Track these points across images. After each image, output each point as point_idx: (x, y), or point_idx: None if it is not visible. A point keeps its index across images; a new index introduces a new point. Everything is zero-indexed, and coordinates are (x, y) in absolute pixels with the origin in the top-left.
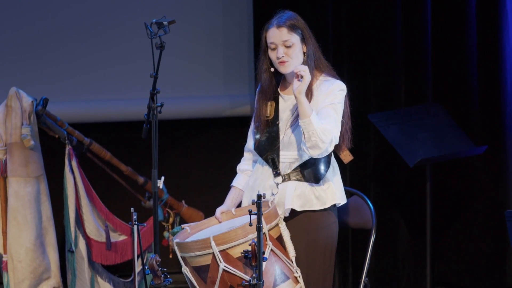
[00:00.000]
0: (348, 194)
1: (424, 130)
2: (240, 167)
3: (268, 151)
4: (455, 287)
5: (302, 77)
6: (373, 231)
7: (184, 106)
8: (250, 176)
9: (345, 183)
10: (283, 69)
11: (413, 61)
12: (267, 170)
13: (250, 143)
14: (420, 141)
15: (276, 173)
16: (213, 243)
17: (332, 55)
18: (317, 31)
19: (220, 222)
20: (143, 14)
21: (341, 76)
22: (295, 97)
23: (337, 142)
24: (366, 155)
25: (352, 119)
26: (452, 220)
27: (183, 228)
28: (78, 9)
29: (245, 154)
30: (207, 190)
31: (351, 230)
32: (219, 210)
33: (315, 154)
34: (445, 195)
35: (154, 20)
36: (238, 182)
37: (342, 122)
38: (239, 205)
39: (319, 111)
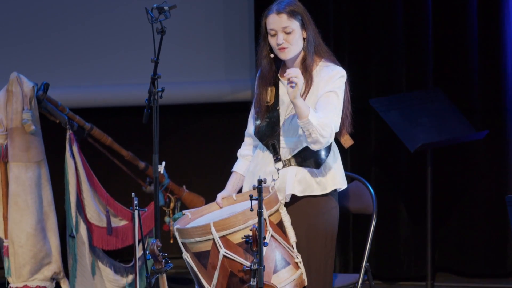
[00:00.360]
0: (349, 179)
1: (425, 115)
2: (240, 152)
3: (269, 137)
4: (455, 272)
5: (294, 82)
6: (374, 216)
7: (185, 91)
8: (250, 161)
9: (345, 168)
10: (283, 56)
11: (413, 46)
12: (268, 155)
13: (250, 128)
14: (420, 126)
15: (277, 159)
16: (213, 229)
17: (333, 40)
18: (318, 16)
19: (221, 207)
20: None
21: (342, 61)
22: (291, 101)
23: (337, 130)
24: (367, 140)
25: (353, 104)
26: (453, 205)
27: (183, 214)
28: None
29: (246, 139)
30: (208, 175)
31: (352, 215)
32: (220, 196)
33: (316, 148)
34: (446, 180)
35: (155, 5)
36: (238, 167)
37: (342, 108)
38: (240, 190)
39: (319, 98)
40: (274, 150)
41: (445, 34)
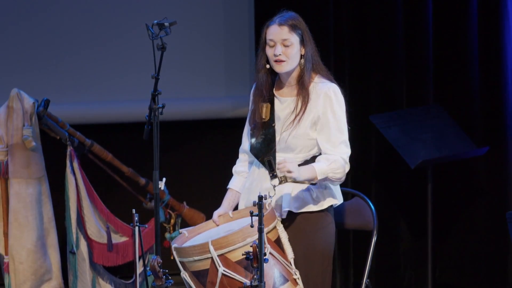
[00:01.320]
0: (350, 195)
1: (425, 131)
2: (236, 169)
3: (264, 153)
4: None
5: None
6: (375, 232)
7: (185, 107)
8: (246, 178)
9: (346, 184)
10: (278, 68)
11: (414, 62)
12: (264, 172)
13: (245, 144)
14: (421, 142)
15: (273, 175)
16: (211, 248)
17: (333, 56)
18: (319, 32)
19: (217, 225)
20: (144, 15)
21: (342, 77)
22: (298, 181)
23: (349, 150)
24: (367, 156)
25: (353, 120)
26: (453, 222)
27: (180, 233)
28: (79, 10)
29: (240, 156)
30: (209, 191)
31: (352, 232)
32: (216, 213)
33: (340, 183)
34: (447, 196)
35: (155, 21)
36: (234, 184)
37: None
38: (236, 207)
39: (324, 125)
40: (270, 167)
41: (446, 51)
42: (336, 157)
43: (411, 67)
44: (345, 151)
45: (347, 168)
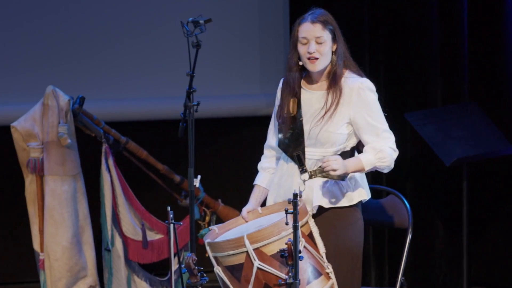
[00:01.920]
0: (385, 193)
1: (461, 129)
2: (261, 165)
3: (293, 148)
4: (491, 286)
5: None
6: (410, 230)
7: (220, 105)
8: (273, 173)
9: (381, 182)
10: (312, 67)
11: (449, 60)
12: (293, 167)
13: (270, 140)
14: (456, 140)
15: (302, 170)
16: (247, 241)
17: (368, 54)
18: (354, 30)
19: (246, 221)
20: (179, 12)
21: (377, 75)
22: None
23: (393, 136)
24: (402, 154)
25: (388, 118)
26: (488, 219)
27: (210, 229)
28: (115, 7)
29: (265, 152)
30: (243, 188)
31: (388, 230)
32: (245, 210)
33: (389, 170)
34: (482, 194)
35: (191, 18)
36: (260, 180)
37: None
38: (263, 203)
39: (362, 121)
40: (300, 162)
41: (481, 48)
42: (383, 146)
43: (446, 65)
44: (390, 138)
45: (395, 155)
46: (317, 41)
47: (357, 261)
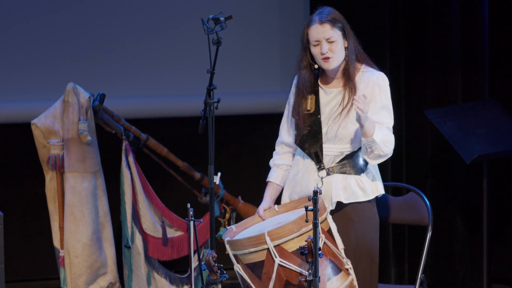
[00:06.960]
0: (405, 191)
1: (481, 126)
2: (274, 162)
3: (311, 145)
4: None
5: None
6: (430, 227)
7: (240, 102)
8: (288, 170)
9: (401, 179)
10: (327, 66)
11: (470, 57)
12: (310, 163)
13: (284, 136)
14: (476, 137)
15: (320, 167)
16: (267, 239)
17: (389, 51)
18: (374, 27)
19: (263, 219)
20: (200, 9)
21: (398, 72)
22: (359, 122)
23: (393, 136)
24: (422, 151)
25: (408, 115)
26: (509, 217)
27: (227, 229)
28: (135, 4)
29: (277, 148)
30: (263, 186)
31: (408, 227)
32: (261, 208)
33: (374, 162)
34: (502, 191)
35: (211, 15)
36: (274, 177)
37: None
38: (277, 200)
39: (376, 107)
40: (317, 158)
41: (502, 45)
42: (392, 139)
43: (466, 62)
44: (393, 145)
45: (389, 154)
46: (328, 41)
47: (374, 256)
